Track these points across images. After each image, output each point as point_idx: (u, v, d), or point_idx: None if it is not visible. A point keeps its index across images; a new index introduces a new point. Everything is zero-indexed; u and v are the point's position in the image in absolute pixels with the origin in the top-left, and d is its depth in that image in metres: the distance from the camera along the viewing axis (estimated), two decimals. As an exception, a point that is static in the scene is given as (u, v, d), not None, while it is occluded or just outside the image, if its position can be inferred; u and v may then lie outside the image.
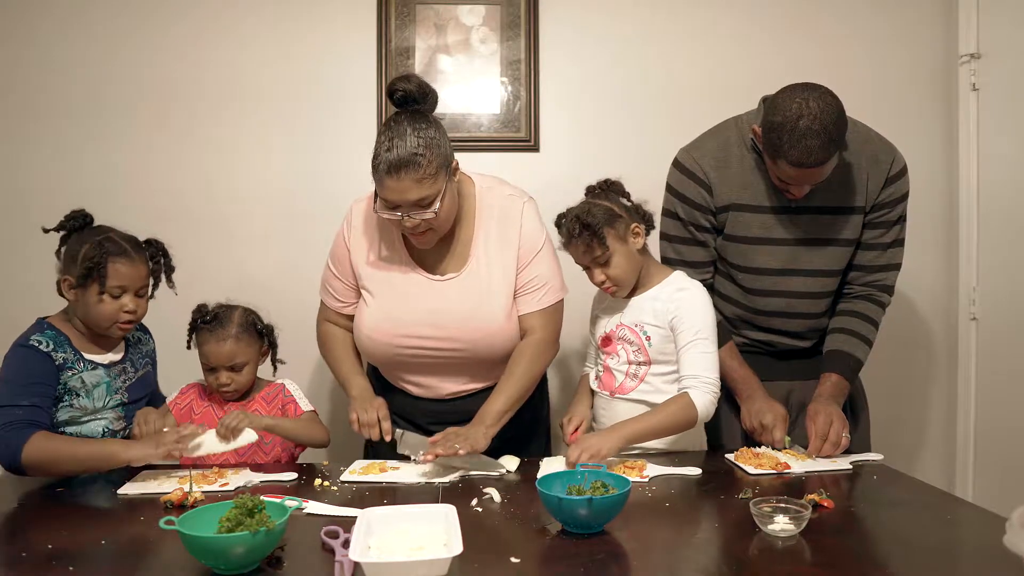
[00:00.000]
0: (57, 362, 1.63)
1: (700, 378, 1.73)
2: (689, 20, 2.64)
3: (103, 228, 1.72)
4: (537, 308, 1.81)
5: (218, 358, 1.84)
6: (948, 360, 2.72)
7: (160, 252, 1.77)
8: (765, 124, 1.70)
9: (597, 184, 1.86)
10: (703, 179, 1.87)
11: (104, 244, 1.66)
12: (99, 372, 1.70)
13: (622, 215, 1.77)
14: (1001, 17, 2.48)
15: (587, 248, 1.76)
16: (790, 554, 1.18)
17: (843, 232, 1.86)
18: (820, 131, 1.61)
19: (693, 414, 1.71)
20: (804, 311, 1.93)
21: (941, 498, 1.51)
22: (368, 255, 1.83)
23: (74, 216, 1.71)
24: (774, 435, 1.78)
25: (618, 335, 1.84)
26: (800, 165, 1.65)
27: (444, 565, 1.05)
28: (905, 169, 1.87)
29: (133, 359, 1.81)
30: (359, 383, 1.83)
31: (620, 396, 1.83)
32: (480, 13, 2.60)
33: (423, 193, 1.63)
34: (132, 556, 1.22)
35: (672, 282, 1.83)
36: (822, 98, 1.64)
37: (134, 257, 1.69)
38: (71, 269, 1.66)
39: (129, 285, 1.68)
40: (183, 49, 2.56)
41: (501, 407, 1.71)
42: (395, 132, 1.63)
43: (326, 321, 1.94)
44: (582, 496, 1.25)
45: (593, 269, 1.80)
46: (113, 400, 1.71)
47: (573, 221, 1.75)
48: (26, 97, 2.53)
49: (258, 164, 2.59)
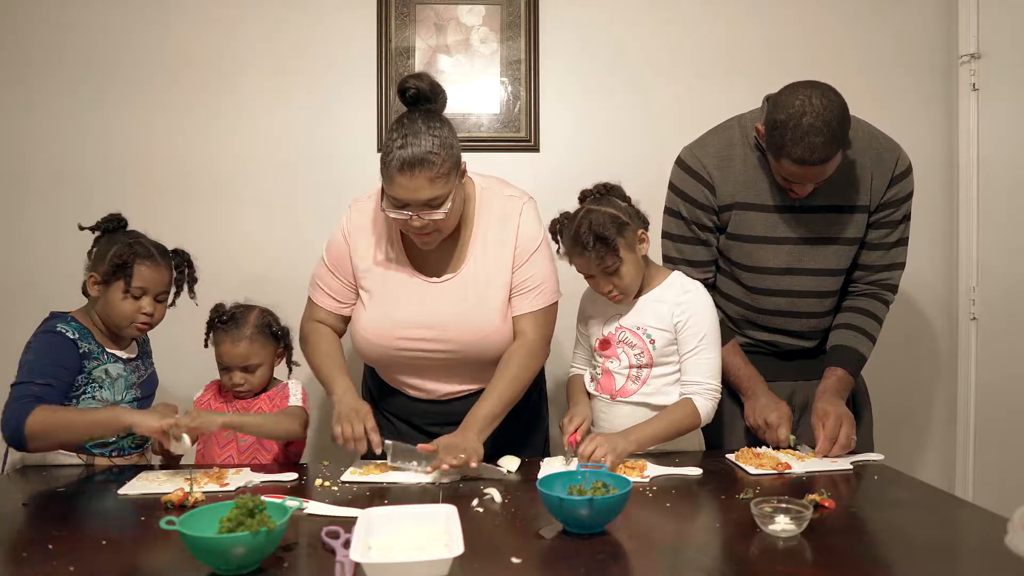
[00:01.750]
0: (82, 351, 1.71)
1: (703, 385, 1.75)
2: (689, 20, 2.64)
3: (135, 233, 1.81)
4: (529, 310, 1.79)
5: (232, 358, 1.85)
6: (948, 360, 2.72)
7: (186, 262, 1.86)
8: (768, 122, 1.69)
9: (594, 188, 1.80)
10: (706, 178, 1.87)
11: (134, 246, 1.75)
12: (119, 365, 1.78)
13: (629, 222, 1.73)
14: (1001, 17, 2.48)
15: (599, 260, 1.70)
16: (791, 554, 1.18)
17: (847, 231, 1.86)
18: (823, 128, 1.61)
19: (697, 421, 1.74)
20: (808, 310, 1.92)
21: (941, 498, 1.51)
22: (368, 254, 1.82)
23: (110, 219, 1.81)
24: (779, 434, 1.78)
25: (618, 338, 1.82)
26: (803, 163, 1.65)
27: (445, 565, 1.05)
28: (910, 168, 1.86)
29: (143, 358, 1.88)
30: (342, 382, 1.76)
31: (622, 399, 1.81)
32: (480, 13, 2.60)
33: (435, 193, 1.62)
34: (132, 556, 1.22)
35: (674, 284, 1.81)
36: (825, 95, 1.64)
37: (160, 262, 1.78)
38: (99, 267, 1.75)
39: (151, 288, 1.76)
40: (183, 49, 2.56)
41: (489, 411, 1.69)
42: (409, 130, 1.61)
43: (313, 320, 1.88)
44: (583, 496, 1.24)
45: (599, 278, 1.76)
46: (129, 395, 1.79)
47: (586, 233, 1.68)
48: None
49: (259, 163, 2.59)
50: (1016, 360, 2.43)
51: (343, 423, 1.64)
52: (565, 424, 1.80)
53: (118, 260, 1.71)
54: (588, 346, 1.93)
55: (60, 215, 2.45)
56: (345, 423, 1.64)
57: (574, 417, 1.80)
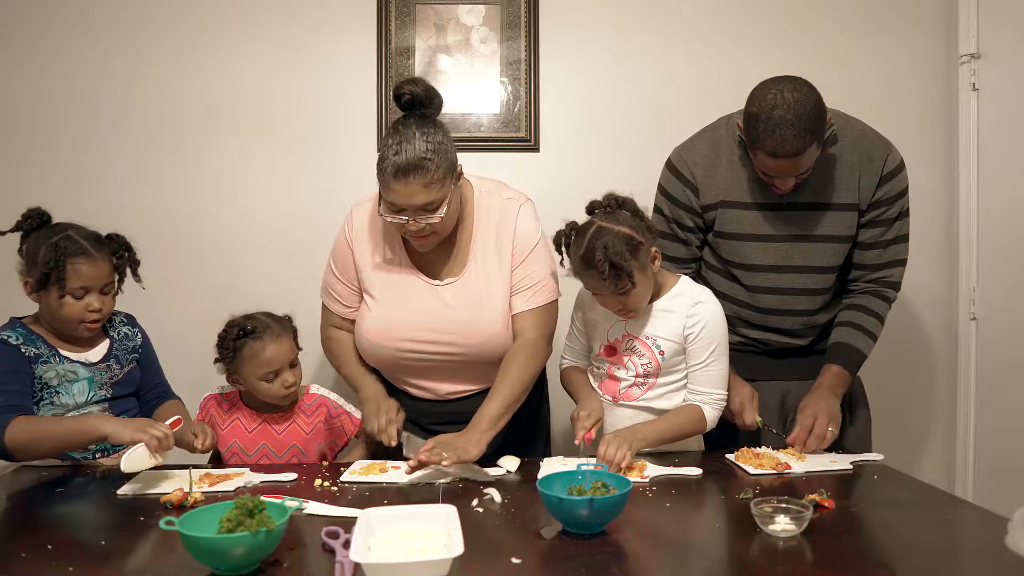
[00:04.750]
0: (28, 355, 1.64)
1: (712, 395, 1.76)
2: (689, 20, 2.64)
3: (62, 226, 1.69)
4: (528, 308, 1.80)
5: (281, 355, 1.77)
6: (948, 360, 2.72)
7: (123, 247, 1.75)
8: (744, 116, 1.73)
9: (604, 200, 1.71)
10: (690, 180, 1.89)
11: (61, 244, 1.63)
12: (76, 367, 1.70)
13: (643, 241, 1.65)
14: (1001, 17, 2.48)
15: (613, 284, 1.63)
16: (791, 554, 1.18)
17: (834, 228, 1.86)
18: (794, 121, 1.62)
19: (703, 428, 1.76)
20: (799, 308, 1.92)
21: (941, 498, 1.51)
22: (370, 257, 1.83)
23: (30, 215, 1.69)
24: (745, 419, 1.81)
25: (626, 346, 1.79)
26: (775, 155, 1.66)
27: (445, 566, 1.05)
28: (902, 165, 1.86)
29: (119, 355, 1.79)
30: (369, 384, 1.84)
31: (624, 403, 1.81)
32: (480, 13, 2.60)
33: (430, 197, 1.63)
34: (132, 556, 1.22)
35: (683, 292, 1.77)
36: (797, 89, 1.66)
37: (95, 255, 1.67)
38: (31, 271, 1.65)
39: (92, 284, 1.67)
40: (183, 48, 2.56)
41: (495, 411, 1.69)
42: (403, 136, 1.62)
43: (330, 327, 1.93)
44: (583, 496, 1.24)
45: (609, 297, 1.69)
46: (97, 395, 1.72)
47: (601, 261, 1.60)
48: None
49: (259, 164, 2.59)
50: (1016, 360, 2.43)
51: (368, 416, 1.76)
52: (579, 418, 1.72)
53: (46, 265, 1.60)
54: (584, 342, 1.90)
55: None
56: (370, 416, 1.75)
57: (591, 413, 1.72)
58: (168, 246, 2.51)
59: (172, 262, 2.51)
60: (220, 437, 1.82)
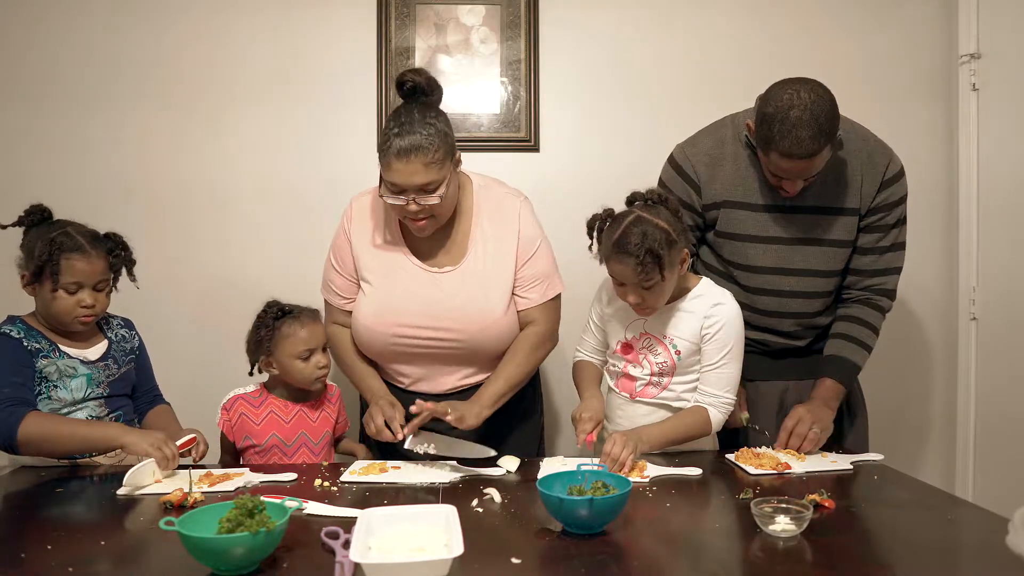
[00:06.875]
0: (29, 348, 1.67)
1: (720, 398, 1.76)
2: (688, 20, 2.64)
3: (62, 223, 1.73)
4: (540, 301, 1.85)
5: (317, 337, 1.83)
6: (948, 360, 2.72)
7: (119, 246, 1.78)
8: (758, 116, 1.71)
9: (647, 193, 1.70)
10: (692, 177, 1.88)
11: (57, 240, 1.67)
12: (75, 363, 1.72)
13: (677, 240, 1.65)
14: (1001, 17, 2.48)
15: (642, 273, 1.61)
16: (791, 554, 1.18)
17: (837, 233, 1.86)
18: (811, 121, 1.62)
19: (708, 431, 1.77)
20: (797, 311, 1.92)
21: (941, 498, 1.51)
22: (368, 245, 1.85)
23: (32, 211, 1.72)
24: (731, 417, 1.82)
25: (642, 344, 1.80)
26: (791, 156, 1.66)
27: (445, 566, 1.05)
28: (902, 172, 1.86)
29: (116, 355, 1.82)
30: (375, 388, 1.84)
31: (641, 400, 1.82)
32: (480, 13, 2.60)
33: (430, 177, 1.66)
34: (132, 556, 1.22)
35: (704, 293, 1.78)
36: (814, 90, 1.65)
37: (90, 252, 1.70)
38: (28, 264, 1.69)
39: (85, 280, 1.70)
40: (183, 48, 2.55)
41: (499, 389, 1.77)
42: (405, 119, 1.67)
43: (334, 324, 1.93)
44: (583, 496, 1.24)
45: (631, 289, 1.67)
46: (95, 392, 1.74)
47: (638, 245, 1.59)
48: (27, 85, 2.53)
49: (259, 163, 2.59)
50: (1016, 360, 2.43)
51: (368, 415, 1.75)
52: (580, 420, 1.72)
53: (41, 259, 1.65)
54: (600, 338, 1.91)
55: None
56: (370, 415, 1.74)
57: (593, 415, 1.72)
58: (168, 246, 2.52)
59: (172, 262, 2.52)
60: (254, 433, 1.82)
